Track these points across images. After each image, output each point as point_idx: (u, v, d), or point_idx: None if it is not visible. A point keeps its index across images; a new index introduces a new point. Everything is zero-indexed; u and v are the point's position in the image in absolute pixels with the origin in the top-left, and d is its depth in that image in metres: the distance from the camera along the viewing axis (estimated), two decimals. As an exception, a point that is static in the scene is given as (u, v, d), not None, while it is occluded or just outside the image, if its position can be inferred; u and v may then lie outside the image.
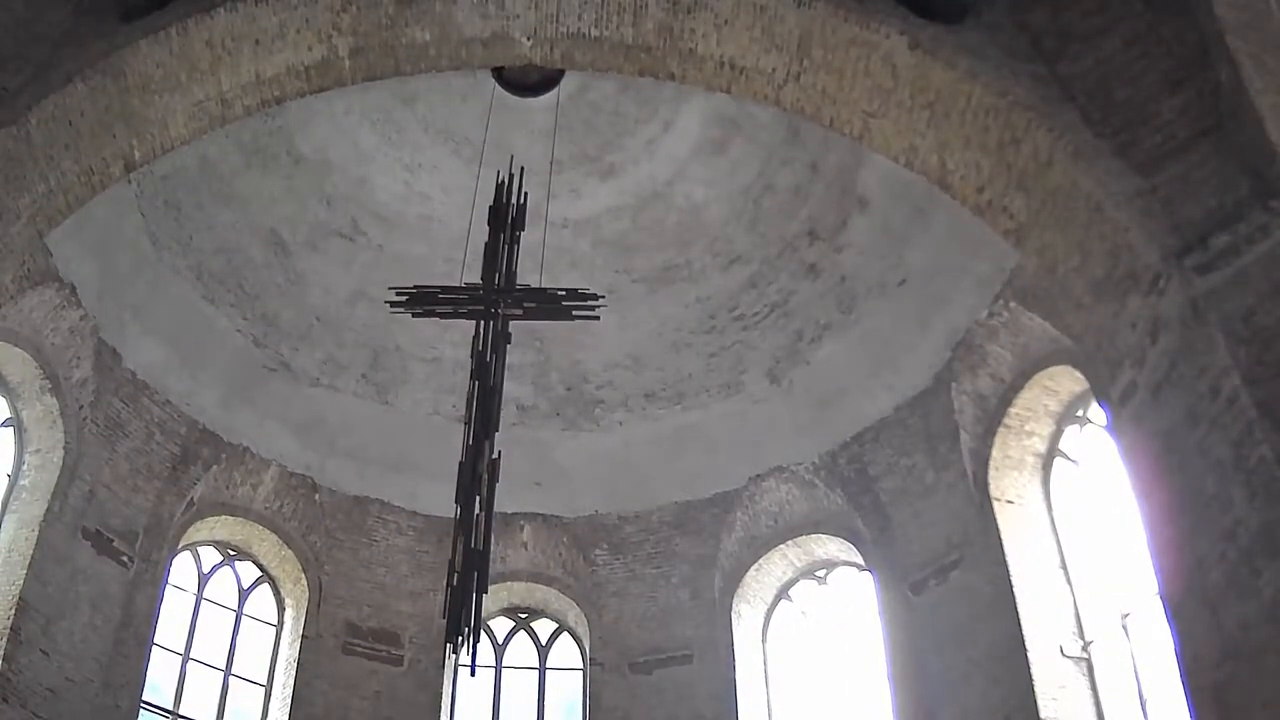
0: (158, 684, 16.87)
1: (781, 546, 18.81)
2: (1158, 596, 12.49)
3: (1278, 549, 10.32)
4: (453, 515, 11.34)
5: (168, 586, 17.18)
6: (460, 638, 10.75)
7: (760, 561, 18.85)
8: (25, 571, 14.92)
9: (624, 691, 18.42)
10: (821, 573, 18.90)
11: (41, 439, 16.08)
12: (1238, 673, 10.67)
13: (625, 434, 19.11)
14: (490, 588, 11.01)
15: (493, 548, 11.14)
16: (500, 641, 19.63)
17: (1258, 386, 10.70)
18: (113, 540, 16.14)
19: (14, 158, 12.32)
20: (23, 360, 15.81)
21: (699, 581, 18.81)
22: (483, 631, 16.19)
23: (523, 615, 19.89)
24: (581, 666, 19.38)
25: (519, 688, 19.48)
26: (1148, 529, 12.53)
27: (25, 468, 16.01)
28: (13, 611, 14.63)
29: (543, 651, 19.72)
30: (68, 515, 15.67)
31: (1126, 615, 14.55)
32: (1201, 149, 11.63)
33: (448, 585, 11.30)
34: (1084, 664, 14.84)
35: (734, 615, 18.61)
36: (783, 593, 19.05)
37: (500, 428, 11.42)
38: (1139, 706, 14.12)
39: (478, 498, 11.17)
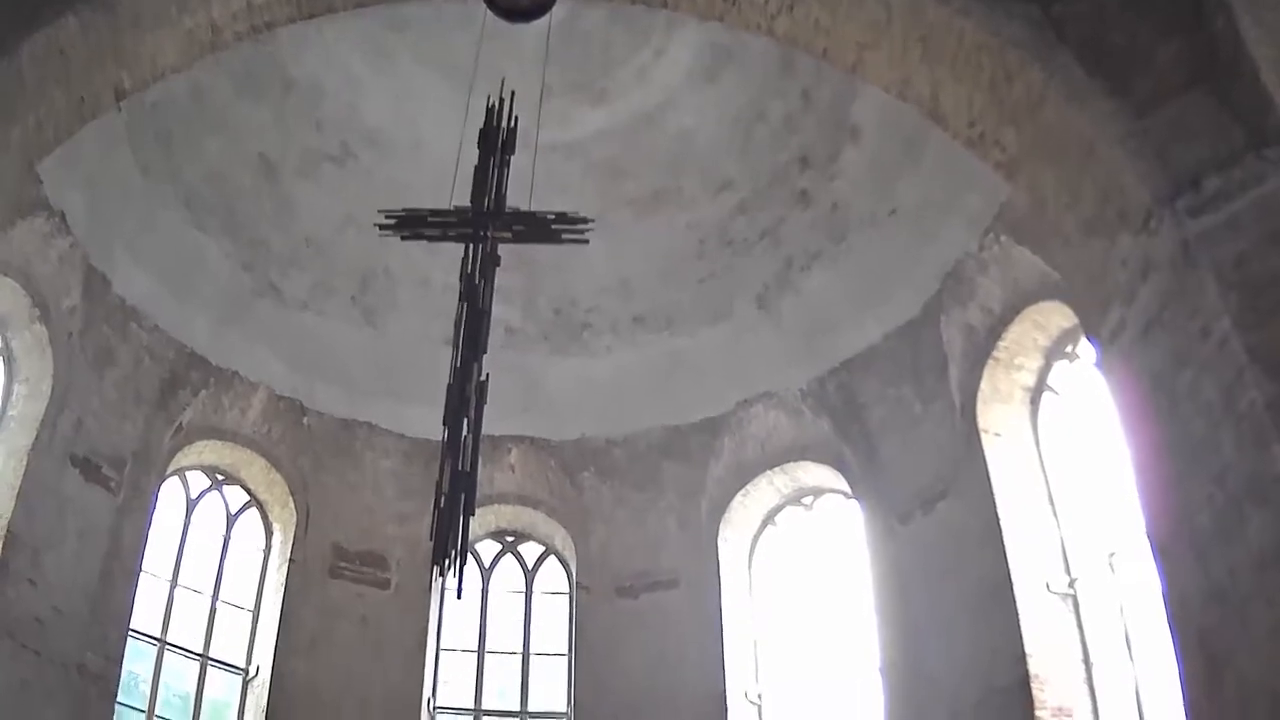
0: (146, 612, 16.91)
1: (768, 473, 18.88)
2: (1145, 536, 12.56)
3: (1266, 497, 10.34)
4: (440, 438, 11.29)
5: (155, 513, 17.17)
6: (447, 560, 10.70)
7: (747, 488, 18.93)
8: (13, 503, 14.90)
9: (610, 616, 18.55)
10: (808, 500, 18.98)
11: (30, 368, 16.00)
12: (1224, 619, 10.70)
13: (613, 358, 19.10)
14: (477, 511, 10.94)
15: (480, 471, 11.02)
16: (487, 565, 19.75)
17: (1249, 332, 10.65)
18: (101, 467, 16.09)
19: (4, 92, 12.18)
20: (12, 289, 15.69)
21: (686, 507, 18.89)
22: (470, 555, 16.19)
23: (510, 539, 19.99)
24: (568, 591, 19.51)
25: (505, 612, 19.63)
26: (1135, 468, 12.53)
27: (14, 398, 15.96)
28: (0, 543, 14.63)
29: (529, 575, 19.84)
30: (56, 444, 15.62)
31: (1113, 554, 14.57)
32: (1195, 96, 11.49)
33: (434, 508, 11.23)
34: (1070, 601, 14.88)
35: (720, 541, 18.70)
36: (769, 519, 19.15)
37: (488, 351, 11.32)
38: (1125, 646, 14.15)
39: (465, 420, 11.11)
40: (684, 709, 17.55)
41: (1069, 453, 15.77)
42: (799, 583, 18.66)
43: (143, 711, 16.58)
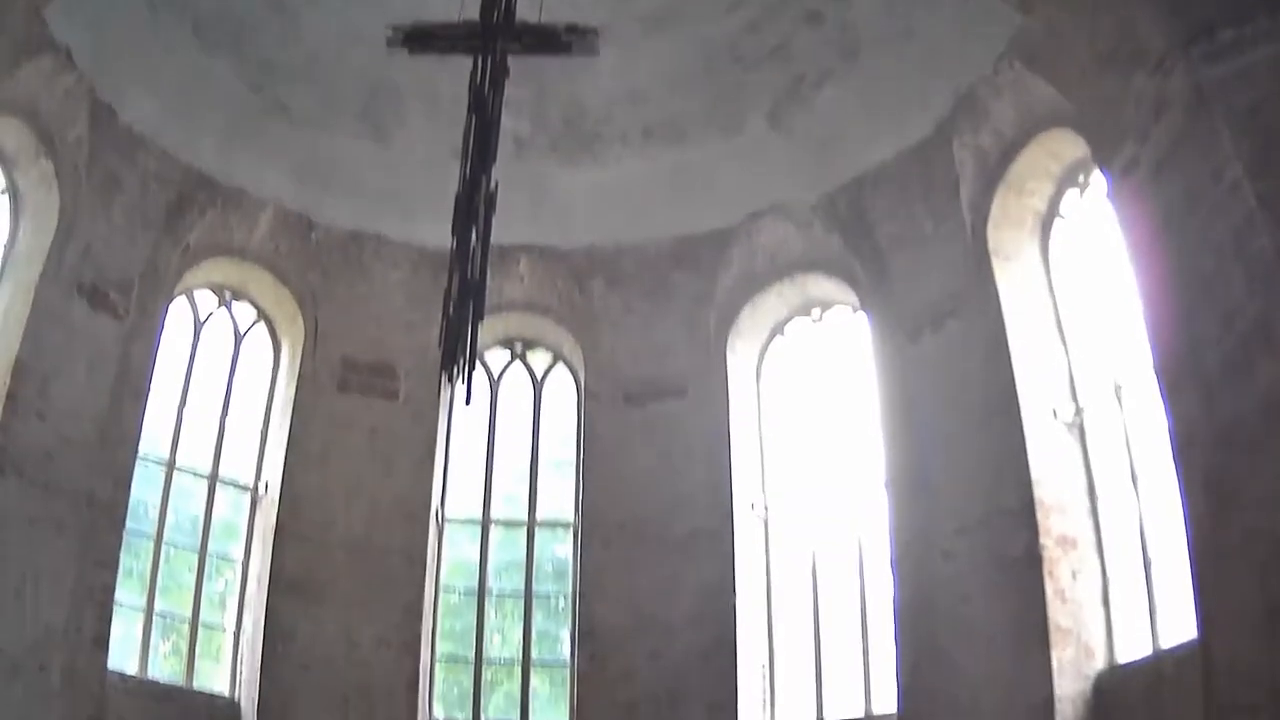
0: (154, 436, 17.06)
1: (777, 284, 18.80)
2: (1153, 371, 12.56)
3: (1275, 345, 10.34)
4: (449, 248, 11.21)
5: (163, 335, 17.14)
6: (455, 368, 10.70)
7: (755, 298, 18.87)
8: (20, 336, 14.92)
9: (618, 423, 18.62)
10: (817, 312, 18.92)
11: (37, 203, 15.91)
12: (1232, 462, 10.80)
13: (623, 169, 18.75)
14: (486, 319, 10.81)
15: (489, 280, 10.95)
16: (495, 374, 19.79)
17: (1259, 180, 10.63)
18: (108, 293, 16.04)
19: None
20: (18, 129, 15.54)
21: (694, 316, 18.83)
22: (478, 363, 16.22)
23: (518, 347, 20.00)
24: (576, 398, 19.59)
25: (514, 419, 19.75)
26: (1144, 302, 12.55)
27: (21, 233, 15.91)
28: (8, 378, 14.68)
29: (538, 383, 19.89)
30: (63, 274, 15.57)
31: (1121, 385, 14.55)
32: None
33: (443, 316, 11.23)
34: (1076, 429, 14.94)
35: (728, 350, 18.72)
36: (777, 330, 19.12)
37: (497, 162, 11.17)
38: (1130, 479, 14.23)
39: (474, 229, 11.00)
40: (690, 518, 17.73)
41: (1079, 281, 15.66)
42: (807, 395, 18.70)
43: (151, 538, 16.83)
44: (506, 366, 19.93)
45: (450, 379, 10.73)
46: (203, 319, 18.46)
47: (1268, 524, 10.20)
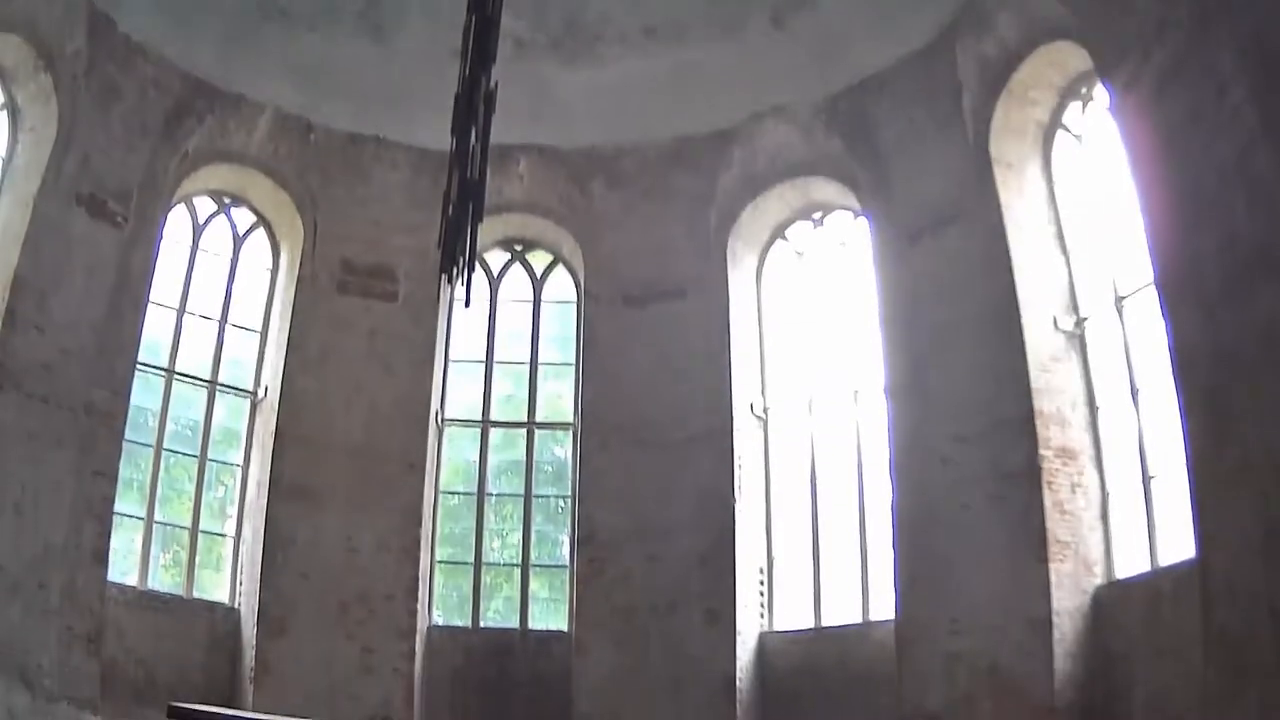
0: (154, 344, 17.08)
1: (778, 186, 18.67)
2: (1154, 286, 12.49)
3: (1276, 269, 10.29)
4: (449, 148, 11.09)
5: (163, 241, 17.06)
6: (455, 269, 10.62)
7: (757, 200, 18.74)
8: (19, 249, 14.89)
9: (617, 325, 18.60)
10: (818, 215, 18.82)
11: (35, 116, 15.82)
12: (1233, 383, 10.79)
13: (624, 69, 18.40)
14: (486, 219, 10.66)
15: (489, 180, 10.82)
16: (495, 275, 19.72)
17: (1262, 103, 10.54)
18: (106, 202, 15.95)
19: None
20: (17, 45, 15.43)
21: (695, 218, 18.70)
22: (478, 264, 16.09)
23: (518, 248, 19.92)
24: (575, 300, 19.53)
25: (513, 320, 19.72)
26: (1145, 218, 12.47)
27: (19, 147, 15.82)
28: (7, 293, 14.66)
29: (537, 284, 19.83)
30: (62, 186, 15.48)
31: (1122, 298, 14.50)
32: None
33: (443, 217, 11.14)
34: (1077, 340, 14.97)
35: (729, 253, 18.63)
36: (778, 232, 19.05)
37: (497, 62, 11.00)
38: (1130, 394, 14.21)
39: (474, 129, 10.86)
40: (690, 420, 17.76)
41: (1081, 192, 15.56)
42: (807, 299, 18.64)
43: (150, 446, 16.89)
44: (506, 268, 19.85)
45: (449, 280, 10.68)
46: (202, 224, 18.38)
47: (1268, 449, 10.19)
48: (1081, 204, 15.52)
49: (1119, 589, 13.60)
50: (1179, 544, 12.46)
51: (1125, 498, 14.07)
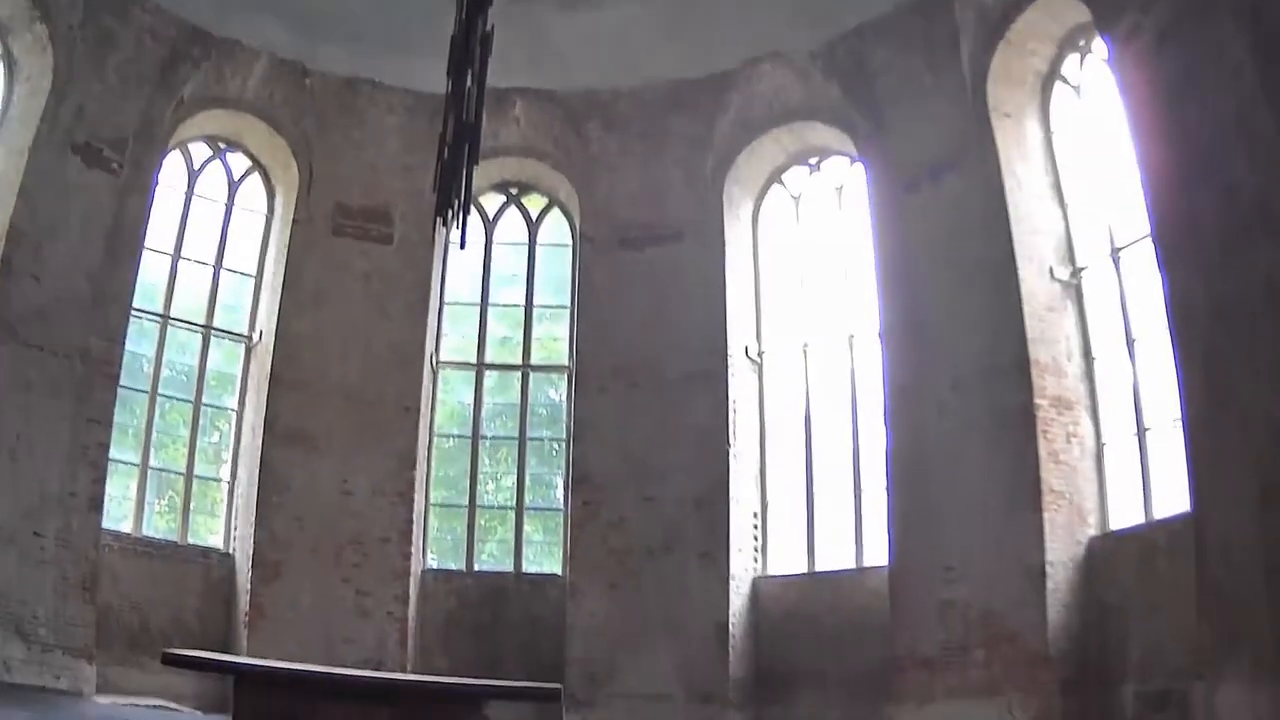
0: (149, 290, 17.05)
1: (775, 131, 18.57)
2: (1151, 240, 12.44)
3: (1275, 227, 10.25)
4: (445, 91, 11.02)
5: (158, 187, 17.02)
6: (450, 211, 10.59)
7: (753, 144, 18.66)
8: (14, 199, 14.91)
9: (613, 267, 18.58)
10: (814, 160, 18.76)
11: (31, 67, 15.79)
12: (1230, 344, 10.76)
13: (621, 12, 18.11)
14: (482, 163, 10.63)
15: (485, 124, 10.75)
16: (490, 218, 19.64)
17: (1262, 61, 10.46)
18: (102, 150, 15.96)
19: None
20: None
21: (692, 161, 18.63)
22: (473, 207, 16.01)
23: (513, 191, 19.83)
24: (571, 242, 19.47)
25: (508, 263, 19.68)
26: (1143, 171, 12.40)
27: (15, 98, 15.79)
28: (3, 242, 14.70)
29: (533, 227, 19.77)
30: (57, 135, 15.51)
31: (1119, 249, 14.45)
32: None
33: (438, 159, 11.10)
34: (1073, 290, 14.96)
35: (725, 196, 18.58)
36: (775, 177, 19.01)
37: (494, 4, 10.89)
38: (1125, 344, 14.18)
39: (470, 71, 10.80)
40: (685, 363, 17.80)
41: (1079, 143, 15.48)
42: (804, 244, 18.63)
43: (145, 392, 16.90)
44: (501, 210, 19.77)
45: (445, 223, 10.66)
46: (197, 170, 18.31)
47: (1265, 408, 10.19)
48: (1079, 155, 15.43)
49: (1113, 540, 13.65)
50: (1174, 498, 12.46)
51: (1120, 449, 14.08)
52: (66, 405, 14.88)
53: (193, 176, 18.22)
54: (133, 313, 16.22)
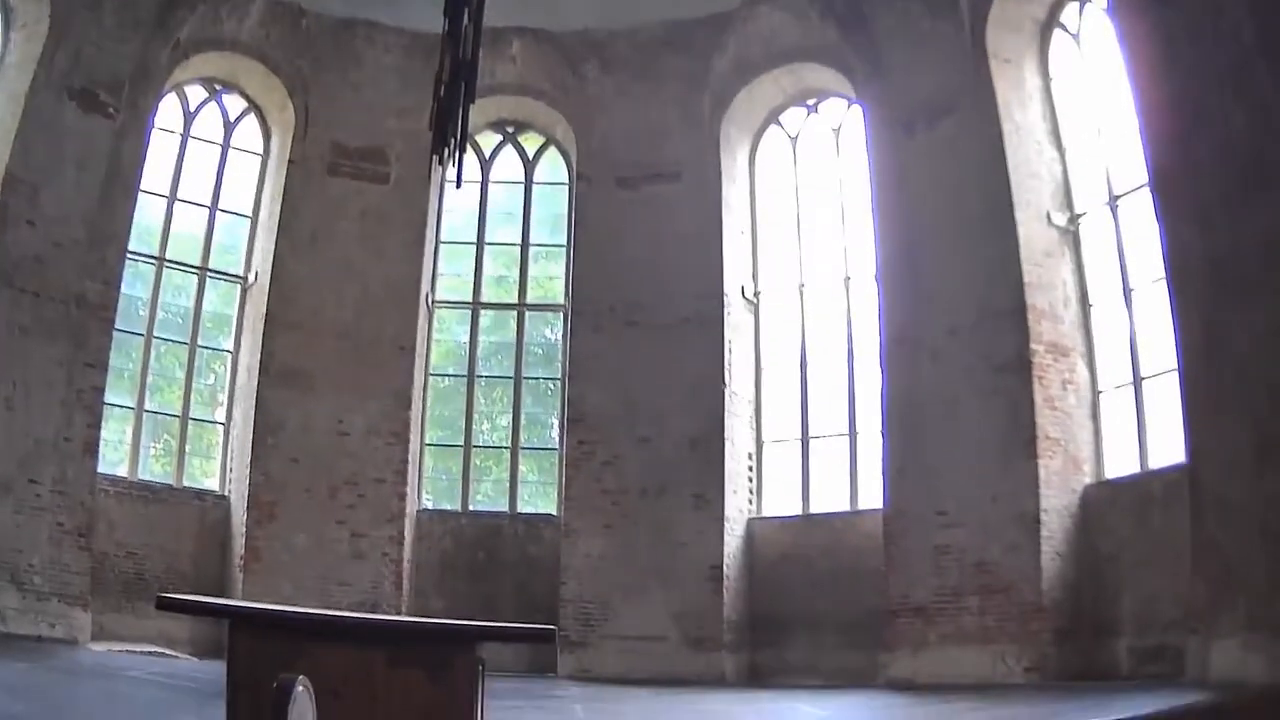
0: (145, 232, 17.00)
1: (773, 72, 18.45)
2: (1149, 190, 12.37)
3: (1273, 183, 10.19)
4: (441, 30, 10.94)
5: (154, 130, 16.94)
6: (446, 150, 10.52)
7: (751, 85, 18.56)
8: (10, 146, 14.83)
9: (610, 206, 18.50)
10: (812, 101, 18.66)
11: (28, 14, 15.63)
12: (1227, 300, 10.72)
13: (616, -51, 18.22)
14: (478, 102, 10.51)
15: (481, 62, 10.66)
16: (487, 156, 19.54)
17: (1260, 19, 10.36)
18: (98, 94, 15.83)
19: None
20: (10, -54, 15.31)
21: (688, 101, 18.53)
22: (469, 145, 15.90)
23: (510, 129, 19.73)
24: (568, 181, 19.36)
25: (505, 202, 19.61)
26: (1141, 121, 12.30)
27: (11, 45, 15.64)
28: (-1, 189, 14.67)
29: (529, 166, 19.67)
30: (53, 80, 15.41)
31: (1117, 198, 14.40)
32: None
33: (434, 98, 11.02)
34: (1070, 237, 14.92)
35: (722, 136, 18.50)
36: (772, 117, 18.93)
37: None
38: (1123, 292, 14.16)
39: (466, 10, 10.69)
40: (681, 303, 17.77)
41: (1077, 91, 15.38)
42: (801, 185, 18.56)
43: (141, 335, 16.88)
44: (498, 149, 19.67)
45: (441, 162, 10.56)
46: (193, 112, 18.19)
47: (1261, 366, 10.15)
48: (1078, 103, 15.34)
49: (1108, 489, 13.72)
50: (1169, 449, 12.45)
51: (1116, 398, 14.09)
52: (62, 350, 14.87)
53: (189, 119, 18.14)
54: (128, 256, 16.18)
